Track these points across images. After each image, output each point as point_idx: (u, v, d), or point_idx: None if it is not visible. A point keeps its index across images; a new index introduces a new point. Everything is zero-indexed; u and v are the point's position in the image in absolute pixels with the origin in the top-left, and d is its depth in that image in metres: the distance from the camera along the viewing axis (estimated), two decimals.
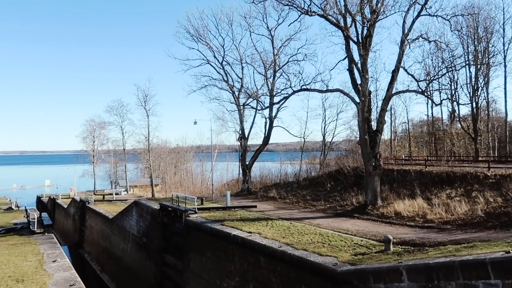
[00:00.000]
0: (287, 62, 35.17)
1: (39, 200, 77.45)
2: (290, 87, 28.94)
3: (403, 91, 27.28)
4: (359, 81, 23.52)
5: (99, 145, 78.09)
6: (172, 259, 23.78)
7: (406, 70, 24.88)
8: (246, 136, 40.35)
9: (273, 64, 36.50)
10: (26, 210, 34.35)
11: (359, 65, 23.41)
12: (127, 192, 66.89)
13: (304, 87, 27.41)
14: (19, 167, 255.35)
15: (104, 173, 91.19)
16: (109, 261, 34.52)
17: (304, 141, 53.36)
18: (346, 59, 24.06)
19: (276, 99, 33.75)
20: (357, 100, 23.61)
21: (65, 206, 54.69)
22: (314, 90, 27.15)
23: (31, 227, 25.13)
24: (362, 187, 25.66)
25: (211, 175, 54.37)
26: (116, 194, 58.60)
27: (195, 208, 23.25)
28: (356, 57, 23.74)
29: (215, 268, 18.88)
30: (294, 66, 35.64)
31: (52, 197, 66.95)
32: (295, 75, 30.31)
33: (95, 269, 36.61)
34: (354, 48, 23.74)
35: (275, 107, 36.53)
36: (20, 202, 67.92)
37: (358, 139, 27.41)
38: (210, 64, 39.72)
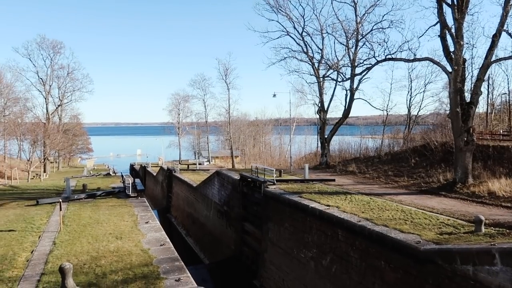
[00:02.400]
0: (371, 30, 33.16)
1: (132, 167, 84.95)
2: (374, 57, 27.39)
3: (505, 58, 24.22)
4: (452, 48, 21.46)
5: (183, 117, 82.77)
6: (251, 227, 24.69)
7: (510, 34, 22.04)
8: (326, 109, 39.55)
9: (355, 33, 34.76)
10: (122, 176, 37.82)
11: (452, 30, 21.29)
12: (209, 163, 70.31)
13: (389, 56, 25.74)
14: (114, 138, 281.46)
15: (188, 144, 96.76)
16: (193, 226, 36.97)
17: (387, 114, 50.86)
18: (438, 24, 22.01)
19: (358, 70, 32.37)
20: (449, 69, 21.65)
21: (154, 174, 59.28)
22: (400, 59, 25.41)
23: (126, 191, 27.58)
24: (450, 164, 23.90)
25: (289, 148, 54.70)
26: (199, 164, 61.88)
27: (273, 179, 23.66)
28: (450, 21, 21.58)
29: (292, 238, 19.23)
30: (379, 34, 33.62)
31: (143, 165, 72.90)
32: (379, 44, 28.58)
33: (181, 232, 39.53)
34: (447, 11, 21.59)
35: (356, 79, 35.12)
36: (116, 169, 75.07)
37: (448, 112, 25.31)
38: (290, 36, 39.18)
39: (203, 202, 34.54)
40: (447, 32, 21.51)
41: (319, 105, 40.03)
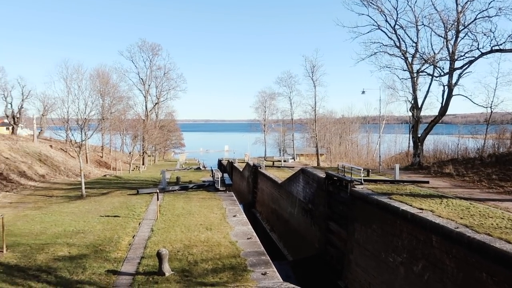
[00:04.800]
0: (475, 19, 29.95)
1: (220, 162, 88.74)
2: (477, 48, 24.95)
3: None
4: None
5: (269, 115, 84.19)
6: (336, 226, 24.19)
7: None
8: (419, 106, 37.04)
9: (455, 23, 31.89)
10: (211, 170, 39.74)
11: None
12: (294, 160, 70.46)
13: (496, 47, 23.24)
14: (204, 134, 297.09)
15: (273, 141, 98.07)
16: (277, 222, 37.38)
17: (491, 111, 45.87)
18: None
19: (458, 64, 29.69)
20: None
21: (241, 169, 61.14)
22: (510, 50, 22.78)
23: (215, 185, 28.94)
24: None
25: (378, 147, 52.48)
26: (284, 161, 62.28)
27: (361, 179, 22.89)
28: None
29: (380, 241, 18.43)
30: (484, 23, 30.05)
31: (230, 161, 75.69)
32: (484, 34, 25.82)
33: (265, 227, 40.25)
34: None
35: (456, 73, 32.20)
36: (206, 164, 79.06)
37: None
38: (381, 30, 37.26)
39: (287, 199, 34.75)
40: None
41: (412, 102, 37.61)
